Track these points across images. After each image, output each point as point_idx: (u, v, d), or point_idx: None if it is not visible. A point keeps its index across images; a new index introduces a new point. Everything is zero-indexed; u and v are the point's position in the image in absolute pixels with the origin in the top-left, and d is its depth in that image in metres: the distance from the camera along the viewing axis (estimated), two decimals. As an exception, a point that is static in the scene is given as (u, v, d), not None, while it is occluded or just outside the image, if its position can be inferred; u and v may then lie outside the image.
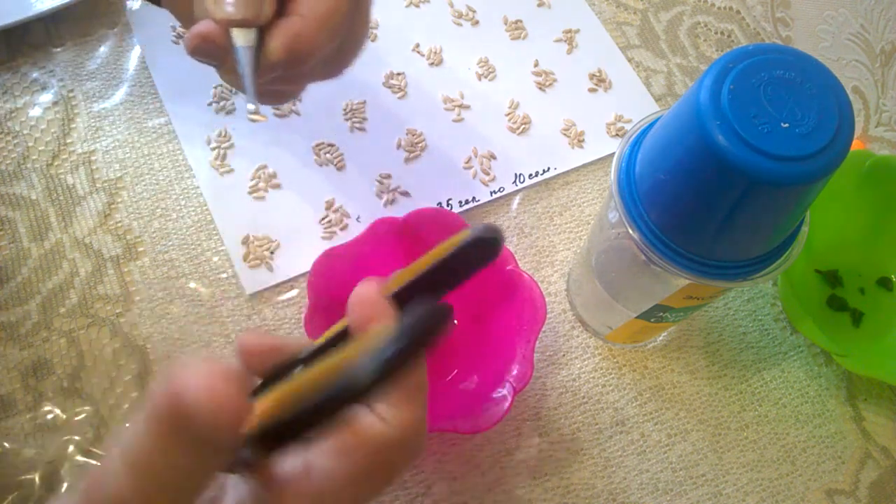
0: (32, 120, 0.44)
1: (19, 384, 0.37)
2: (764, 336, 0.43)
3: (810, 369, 0.43)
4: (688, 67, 0.52)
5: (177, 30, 0.47)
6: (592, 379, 0.41)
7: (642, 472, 0.39)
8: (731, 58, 0.24)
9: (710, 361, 0.42)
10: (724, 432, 0.40)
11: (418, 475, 0.37)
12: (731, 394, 0.41)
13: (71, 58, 0.46)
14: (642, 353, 0.42)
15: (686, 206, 0.26)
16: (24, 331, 0.38)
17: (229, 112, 0.45)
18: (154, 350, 0.39)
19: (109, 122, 0.45)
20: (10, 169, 0.42)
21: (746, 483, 0.39)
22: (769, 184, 0.23)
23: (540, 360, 0.41)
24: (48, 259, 0.40)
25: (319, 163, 0.44)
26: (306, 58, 0.25)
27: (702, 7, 0.55)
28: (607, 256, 0.35)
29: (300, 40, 0.24)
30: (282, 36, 0.24)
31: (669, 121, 0.26)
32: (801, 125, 0.23)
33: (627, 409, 0.40)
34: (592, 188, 0.46)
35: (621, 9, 0.54)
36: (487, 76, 0.49)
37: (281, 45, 0.24)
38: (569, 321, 0.42)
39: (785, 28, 0.52)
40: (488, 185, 0.45)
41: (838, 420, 0.41)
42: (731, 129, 0.22)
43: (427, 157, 0.46)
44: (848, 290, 0.44)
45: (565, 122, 0.48)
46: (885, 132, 0.47)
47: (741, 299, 0.44)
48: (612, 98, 0.50)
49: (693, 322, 0.43)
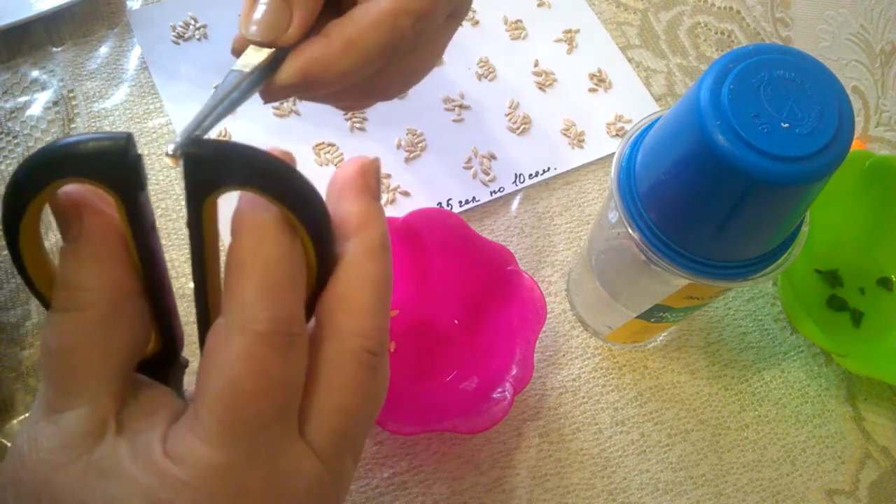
0: (32, 120, 0.44)
1: (19, 384, 0.37)
2: (764, 336, 0.43)
3: (810, 369, 0.43)
4: (688, 67, 0.52)
5: (177, 30, 0.47)
6: (592, 379, 0.41)
7: (642, 472, 0.39)
8: (731, 58, 0.24)
9: (710, 361, 0.42)
10: (724, 432, 0.40)
11: (418, 475, 0.37)
12: (731, 394, 0.41)
13: (71, 58, 0.46)
14: (642, 353, 0.42)
15: (686, 206, 0.26)
16: (24, 331, 0.38)
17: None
18: (154, 350, 0.39)
19: (109, 122, 0.45)
20: (11, 169, 0.42)
21: (746, 483, 0.39)
22: (769, 184, 0.23)
23: (540, 360, 0.41)
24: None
25: (319, 163, 0.44)
26: (324, 84, 0.23)
27: (702, 7, 0.55)
28: (607, 256, 0.35)
29: (318, 64, 0.22)
30: (298, 59, 0.22)
31: (669, 121, 0.26)
32: (801, 125, 0.23)
33: (627, 409, 0.40)
34: (592, 188, 0.46)
35: (621, 9, 0.54)
36: (487, 76, 0.49)
37: (297, 68, 0.22)
38: (569, 321, 0.42)
39: (785, 28, 0.52)
40: (488, 185, 0.45)
41: (838, 420, 0.41)
42: (731, 129, 0.22)
43: (427, 157, 0.46)
44: (848, 290, 0.44)
45: (565, 122, 0.48)
46: (885, 132, 0.47)
47: (741, 299, 0.44)
48: (612, 98, 0.50)
49: (693, 322, 0.43)
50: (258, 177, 0.17)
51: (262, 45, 0.22)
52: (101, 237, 0.17)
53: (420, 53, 0.27)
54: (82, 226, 0.17)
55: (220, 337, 0.17)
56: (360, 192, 0.19)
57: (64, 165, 0.16)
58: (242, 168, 0.17)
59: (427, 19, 0.24)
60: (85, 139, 0.16)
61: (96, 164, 0.16)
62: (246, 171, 0.17)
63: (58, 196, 0.17)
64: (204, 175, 0.17)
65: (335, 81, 0.23)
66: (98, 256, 0.17)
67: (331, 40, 0.23)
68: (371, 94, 0.28)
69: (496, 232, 0.44)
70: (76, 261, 0.17)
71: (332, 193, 0.20)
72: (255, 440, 0.17)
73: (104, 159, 0.16)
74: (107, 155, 0.16)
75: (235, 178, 0.17)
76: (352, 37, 0.23)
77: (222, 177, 0.17)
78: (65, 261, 0.17)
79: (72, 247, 0.17)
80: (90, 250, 0.17)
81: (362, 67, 0.23)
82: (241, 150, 0.16)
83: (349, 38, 0.23)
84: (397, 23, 0.23)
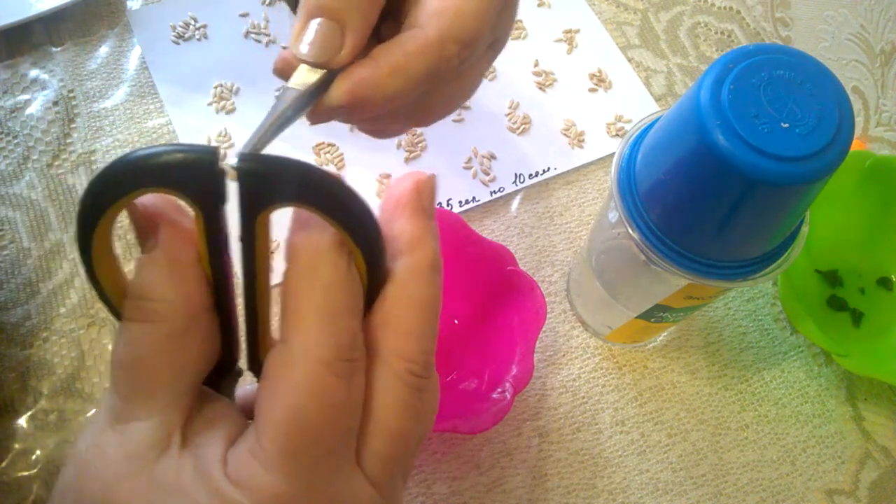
0: (32, 120, 0.44)
1: (19, 384, 0.37)
2: (764, 336, 0.43)
3: (810, 369, 0.43)
4: (688, 67, 0.52)
5: (177, 30, 0.47)
6: (592, 379, 0.41)
7: (642, 472, 0.39)
8: (731, 58, 0.24)
9: (710, 361, 0.42)
10: (724, 432, 0.40)
11: (418, 475, 0.37)
12: (731, 394, 0.41)
13: (71, 58, 0.46)
14: (642, 353, 0.42)
15: (686, 206, 0.26)
16: (24, 331, 0.38)
17: (229, 112, 0.45)
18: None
19: (109, 122, 0.45)
20: (10, 169, 0.42)
21: (746, 483, 0.39)
22: (769, 184, 0.23)
23: (540, 360, 0.41)
24: (48, 259, 0.40)
25: (319, 163, 0.44)
26: (370, 106, 0.23)
27: (702, 7, 0.55)
28: (607, 256, 0.35)
29: (366, 87, 0.22)
30: (347, 81, 0.22)
31: (669, 121, 0.26)
32: (801, 125, 0.23)
33: (627, 409, 0.40)
34: (592, 188, 0.46)
35: (621, 9, 0.54)
36: (487, 76, 0.49)
37: (345, 90, 0.22)
38: (569, 321, 0.42)
39: (785, 28, 0.52)
40: (488, 185, 0.45)
41: (838, 420, 0.41)
42: (731, 129, 0.22)
43: (427, 157, 0.46)
44: (848, 290, 0.44)
45: (565, 122, 0.48)
46: (885, 132, 0.47)
47: (741, 299, 0.44)
48: (612, 98, 0.50)
49: (693, 322, 0.43)
50: (315, 194, 0.17)
51: (314, 66, 0.22)
52: (177, 249, 0.17)
53: (461, 80, 0.28)
54: (159, 237, 0.17)
55: (282, 363, 0.17)
56: (414, 210, 0.19)
57: (149, 175, 0.16)
58: (299, 185, 0.16)
59: (472, 47, 0.24)
60: (172, 150, 0.16)
61: (182, 176, 0.16)
62: (303, 189, 0.16)
63: (136, 206, 0.17)
64: (259, 190, 0.16)
65: (381, 104, 0.23)
66: (173, 269, 0.17)
67: (378, 63, 0.23)
68: (411, 118, 0.29)
69: (496, 232, 0.44)
70: (151, 272, 0.17)
71: (385, 209, 0.20)
72: (316, 469, 0.17)
73: (191, 171, 0.16)
74: (194, 167, 0.16)
75: (291, 195, 0.16)
76: (399, 61, 0.23)
77: (278, 193, 0.16)
78: (140, 271, 0.17)
79: (148, 258, 0.17)
80: (166, 262, 0.17)
81: (408, 91, 0.23)
82: (298, 166, 0.16)
83: (397, 63, 0.23)
84: (444, 50, 0.23)
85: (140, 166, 0.16)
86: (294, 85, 0.21)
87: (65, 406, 0.37)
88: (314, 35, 0.22)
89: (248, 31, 0.48)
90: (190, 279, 0.17)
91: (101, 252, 0.17)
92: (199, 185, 0.16)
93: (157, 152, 0.16)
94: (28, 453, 0.35)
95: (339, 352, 0.17)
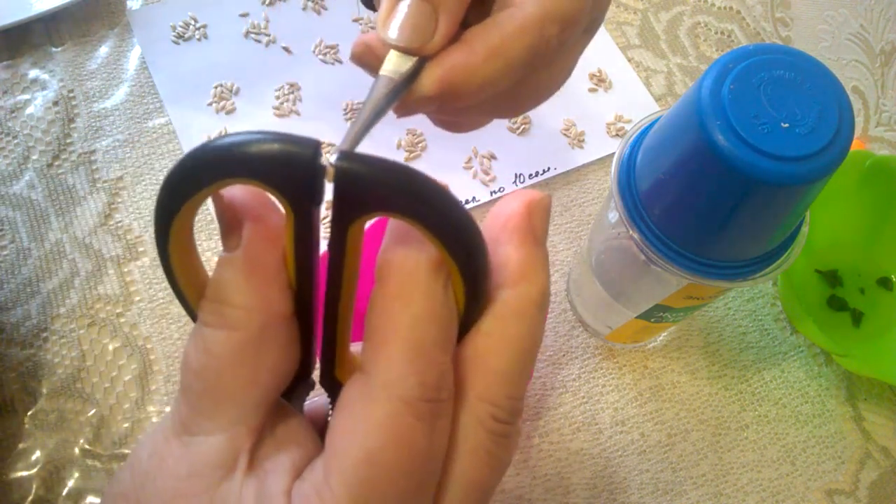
0: (32, 120, 0.44)
1: (19, 384, 0.37)
2: (764, 336, 0.43)
3: (810, 369, 0.43)
4: (688, 67, 0.52)
5: (177, 30, 0.47)
6: (592, 379, 0.41)
7: (642, 472, 0.39)
8: (731, 58, 0.24)
9: (710, 361, 0.42)
10: (724, 432, 0.40)
11: (418, 475, 0.37)
12: (731, 394, 0.41)
13: (71, 58, 0.46)
14: (642, 353, 0.42)
15: (686, 205, 0.26)
16: (24, 331, 0.38)
17: (229, 112, 0.45)
18: (154, 350, 0.39)
19: (109, 122, 0.45)
20: (10, 169, 0.42)
21: (746, 483, 0.39)
22: (769, 184, 0.23)
23: (540, 360, 0.41)
24: (48, 259, 0.40)
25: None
26: (464, 95, 0.21)
27: (702, 7, 0.55)
28: (607, 256, 0.35)
29: (460, 73, 0.20)
30: (438, 68, 0.20)
31: (669, 121, 0.26)
32: (801, 125, 0.23)
33: (627, 409, 0.40)
34: (592, 188, 0.46)
35: (621, 9, 0.54)
36: (487, 76, 0.49)
37: (436, 78, 0.20)
38: (569, 321, 0.42)
39: (785, 28, 0.52)
40: (488, 185, 0.45)
41: (838, 420, 0.41)
42: (731, 129, 0.22)
43: (427, 157, 0.46)
44: (848, 290, 0.44)
45: (565, 122, 0.48)
46: (885, 132, 0.47)
47: (741, 299, 0.44)
48: (612, 98, 0.50)
49: (693, 322, 0.43)
50: (419, 205, 0.14)
51: (405, 52, 0.20)
52: (262, 251, 0.16)
53: (556, 66, 0.26)
54: (243, 235, 0.16)
55: (360, 395, 0.15)
56: (524, 236, 0.17)
57: (239, 165, 0.14)
58: (402, 192, 0.14)
59: (573, 28, 0.23)
60: (268, 138, 0.14)
61: (278, 170, 0.14)
62: (406, 196, 0.14)
63: (221, 197, 0.16)
64: (357, 195, 0.14)
65: (476, 92, 0.21)
66: (256, 272, 0.16)
67: (472, 47, 0.21)
68: (497, 110, 0.26)
69: (496, 232, 0.44)
70: (232, 273, 0.16)
71: (491, 229, 0.17)
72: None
73: (288, 165, 0.14)
74: (293, 161, 0.14)
75: (392, 204, 0.14)
76: (496, 43, 0.21)
77: (377, 199, 0.14)
78: (220, 271, 0.16)
79: (230, 257, 0.16)
80: (249, 264, 0.16)
81: (505, 77, 0.21)
82: (402, 170, 0.14)
83: (494, 45, 0.21)
84: (544, 30, 0.21)
85: (230, 154, 0.14)
86: (387, 72, 0.20)
87: (65, 406, 0.37)
88: (405, 18, 0.20)
89: (248, 31, 0.48)
90: (273, 285, 0.16)
91: (179, 245, 0.16)
92: (295, 182, 0.14)
93: (251, 140, 0.14)
94: (28, 453, 0.35)
95: (424, 391, 0.15)
